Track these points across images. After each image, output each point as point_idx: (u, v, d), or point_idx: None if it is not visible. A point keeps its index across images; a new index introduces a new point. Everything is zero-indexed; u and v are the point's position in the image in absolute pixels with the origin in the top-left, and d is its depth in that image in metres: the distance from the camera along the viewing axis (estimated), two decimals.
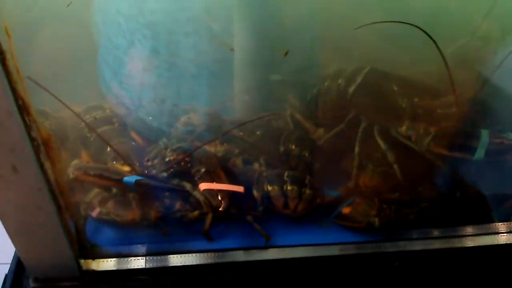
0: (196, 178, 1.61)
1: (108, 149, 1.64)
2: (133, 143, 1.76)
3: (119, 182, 1.53)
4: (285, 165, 1.74)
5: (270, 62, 1.86)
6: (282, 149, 1.79)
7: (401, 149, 1.67)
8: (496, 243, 1.64)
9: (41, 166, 1.25)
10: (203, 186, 1.57)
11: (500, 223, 1.67)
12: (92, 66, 1.94)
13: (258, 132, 1.82)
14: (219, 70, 1.75)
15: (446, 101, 1.65)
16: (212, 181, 1.59)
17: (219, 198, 1.56)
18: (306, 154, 1.74)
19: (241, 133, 1.78)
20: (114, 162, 1.62)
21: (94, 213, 1.55)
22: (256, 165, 1.69)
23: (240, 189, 1.60)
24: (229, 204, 1.55)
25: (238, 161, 1.69)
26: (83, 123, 1.73)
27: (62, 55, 1.91)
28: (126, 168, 1.58)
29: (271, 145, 1.81)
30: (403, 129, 1.68)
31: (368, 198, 1.63)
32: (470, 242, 1.63)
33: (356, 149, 1.71)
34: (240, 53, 1.74)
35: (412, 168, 1.67)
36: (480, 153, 1.57)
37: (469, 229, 1.66)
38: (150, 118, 1.79)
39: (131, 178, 1.52)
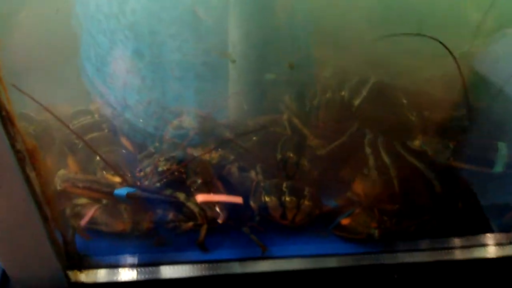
0: (192, 190, 1.55)
1: (98, 157, 1.57)
2: (123, 150, 1.68)
3: (109, 194, 1.47)
4: (283, 172, 1.69)
5: (265, 60, 1.79)
6: (279, 156, 1.74)
7: (405, 162, 1.62)
8: (497, 254, 1.62)
9: (26, 178, 1.20)
10: (201, 198, 1.52)
11: (501, 234, 1.65)
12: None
13: (254, 138, 1.76)
14: (206, 73, 1.69)
15: (458, 115, 1.60)
16: (209, 193, 1.54)
17: (218, 209, 1.51)
18: (305, 163, 1.70)
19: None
20: (104, 172, 1.56)
21: (83, 222, 1.49)
22: (252, 173, 1.64)
23: (239, 200, 1.56)
24: (227, 216, 1.50)
25: (234, 169, 1.64)
26: (71, 127, 1.66)
27: (45, 49, 1.83)
28: (117, 179, 1.52)
29: (268, 152, 1.75)
30: (415, 143, 1.63)
31: (368, 209, 1.60)
32: (470, 254, 1.61)
33: (370, 161, 1.66)
34: (234, 51, 1.68)
35: (415, 181, 1.63)
36: (499, 166, 1.53)
37: (470, 240, 1.63)
38: (139, 120, 1.73)
39: (122, 191, 1.46)
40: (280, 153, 1.75)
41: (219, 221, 1.51)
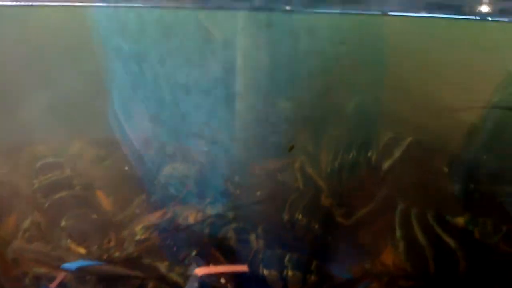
0: (186, 263, 1.34)
1: (63, 222, 1.38)
2: (94, 215, 1.47)
3: (58, 268, 1.28)
4: (289, 234, 1.45)
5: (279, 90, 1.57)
6: (286, 217, 1.50)
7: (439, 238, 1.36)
8: None
9: None
10: (201, 271, 1.31)
11: None
12: None
13: (258, 192, 1.52)
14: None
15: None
16: (208, 265, 1.33)
17: (223, 281, 1.31)
18: (316, 227, 1.45)
19: (238, 191, 1.48)
20: (69, 241, 1.36)
21: (53, 286, 1.30)
22: (252, 237, 1.41)
23: (244, 268, 1.34)
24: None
25: (231, 233, 1.40)
26: (36, 185, 1.47)
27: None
28: (81, 250, 1.33)
29: (273, 209, 1.51)
30: (458, 220, 1.36)
31: (386, 283, 1.36)
32: None
33: (398, 233, 1.41)
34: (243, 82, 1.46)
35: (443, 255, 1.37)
36: None
37: None
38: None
39: (72, 265, 1.27)
40: (288, 213, 1.50)
41: None
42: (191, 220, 1.41)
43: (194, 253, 1.35)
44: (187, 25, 1.41)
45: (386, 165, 1.50)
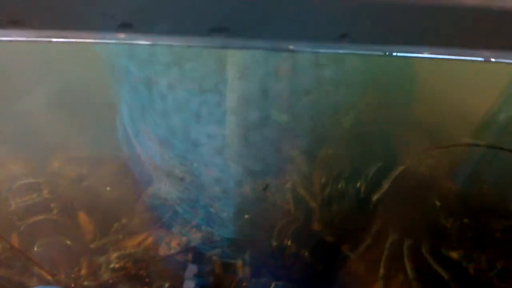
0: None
1: (36, 248, 1.32)
2: (67, 242, 1.40)
3: None
4: (278, 262, 1.37)
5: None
6: (275, 243, 1.42)
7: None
8: None
9: None
10: None
11: None
12: None
13: (246, 216, 1.44)
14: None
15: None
16: None
17: None
18: (306, 254, 1.37)
19: (225, 213, 1.40)
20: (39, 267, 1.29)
21: None
22: (238, 264, 1.33)
23: None
24: None
25: (215, 258, 1.33)
26: (13, 206, 1.41)
27: None
28: (48, 276, 1.27)
29: (261, 234, 1.43)
30: (453, 254, 1.29)
31: None
32: None
33: (381, 271, 1.33)
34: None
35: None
36: None
37: None
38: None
39: None
40: (276, 239, 1.42)
41: None
42: (174, 245, 1.34)
43: (167, 285, 1.28)
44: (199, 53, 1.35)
45: (374, 197, 1.43)
